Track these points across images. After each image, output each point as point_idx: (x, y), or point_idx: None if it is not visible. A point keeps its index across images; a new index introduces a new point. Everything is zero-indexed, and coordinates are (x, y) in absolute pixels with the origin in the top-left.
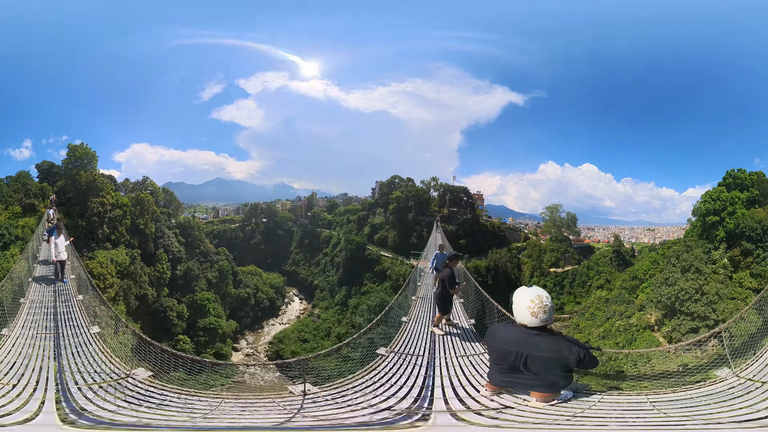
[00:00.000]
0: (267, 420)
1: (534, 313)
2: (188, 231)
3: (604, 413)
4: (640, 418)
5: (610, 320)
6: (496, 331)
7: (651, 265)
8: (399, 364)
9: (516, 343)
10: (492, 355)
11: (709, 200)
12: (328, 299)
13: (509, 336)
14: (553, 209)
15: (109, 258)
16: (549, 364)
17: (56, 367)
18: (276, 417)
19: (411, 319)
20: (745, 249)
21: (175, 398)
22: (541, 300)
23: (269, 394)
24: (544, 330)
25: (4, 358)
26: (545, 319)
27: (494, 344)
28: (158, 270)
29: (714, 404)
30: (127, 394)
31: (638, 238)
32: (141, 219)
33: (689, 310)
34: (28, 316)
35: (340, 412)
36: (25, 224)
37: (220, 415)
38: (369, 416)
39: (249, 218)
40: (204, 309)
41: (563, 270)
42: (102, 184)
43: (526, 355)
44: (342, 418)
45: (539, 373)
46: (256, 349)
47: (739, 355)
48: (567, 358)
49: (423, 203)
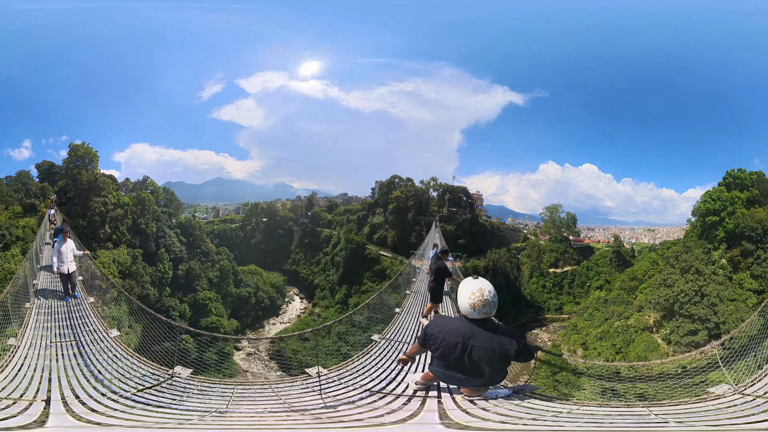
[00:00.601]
0: (305, 397)
1: (473, 305)
2: (189, 231)
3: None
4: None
5: (609, 321)
6: (442, 322)
7: (650, 265)
8: (390, 349)
9: (461, 334)
10: (434, 347)
11: (709, 200)
12: (328, 298)
13: (454, 327)
14: (553, 209)
15: (111, 258)
16: (491, 355)
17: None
18: (310, 395)
19: (403, 311)
20: (745, 250)
21: (215, 388)
22: (482, 293)
23: (294, 377)
24: (487, 322)
25: (18, 372)
26: (484, 312)
27: (439, 335)
28: (160, 270)
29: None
30: (174, 393)
31: (638, 238)
32: (142, 219)
33: (688, 312)
34: (36, 323)
35: (349, 389)
36: (26, 224)
37: (264, 397)
38: (366, 394)
39: (249, 218)
40: (206, 308)
41: (563, 270)
42: (103, 183)
43: (471, 346)
44: (350, 396)
45: (482, 366)
46: (257, 348)
47: (745, 368)
48: (508, 350)
49: (422, 203)
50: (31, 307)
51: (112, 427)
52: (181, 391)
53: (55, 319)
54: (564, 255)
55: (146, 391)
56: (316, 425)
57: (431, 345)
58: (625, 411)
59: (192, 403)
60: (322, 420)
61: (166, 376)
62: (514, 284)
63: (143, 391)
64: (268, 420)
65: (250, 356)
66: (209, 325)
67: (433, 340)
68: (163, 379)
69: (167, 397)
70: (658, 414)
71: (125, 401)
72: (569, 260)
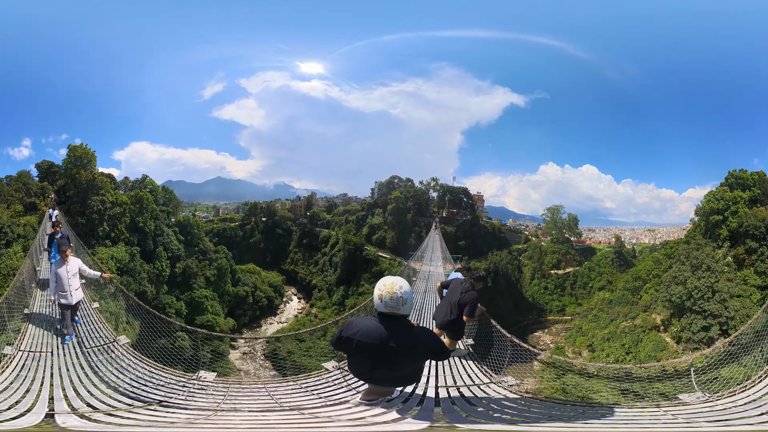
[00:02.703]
0: (337, 392)
1: (380, 296)
2: (187, 229)
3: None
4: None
5: (615, 321)
6: (357, 323)
7: (654, 265)
8: None
9: (375, 335)
10: (351, 349)
11: (713, 200)
12: (325, 299)
13: (370, 327)
14: (555, 210)
15: (109, 255)
16: (409, 354)
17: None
18: (339, 389)
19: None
20: (749, 247)
21: (250, 390)
22: (393, 287)
23: (317, 372)
24: (401, 321)
25: (11, 384)
26: (391, 306)
27: (354, 338)
28: (157, 267)
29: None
30: (198, 396)
31: (639, 238)
32: (140, 217)
33: (701, 308)
34: (35, 330)
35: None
36: (26, 222)
37: (299, 395)
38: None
39: (248, 217)
40: (202, 306)
41: (564, 272)
42: (101, 182)
43: (388, 346)
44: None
45: (400, 366)
46: (253, 347)
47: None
48: (428, 348)
49: (422, 204)
50: (30, 314)
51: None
52: (200, 395)
53: (54, 327)
54: (566, 256)
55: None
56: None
57: (348, 347)
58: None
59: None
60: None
61: (190, 380)
62: (515, 286)
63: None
64: (262, 419)
65: (245, 355)
66: (204, 323)
67: (348, 343)
68: (187, 384)
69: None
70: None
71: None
72: (571, 261)
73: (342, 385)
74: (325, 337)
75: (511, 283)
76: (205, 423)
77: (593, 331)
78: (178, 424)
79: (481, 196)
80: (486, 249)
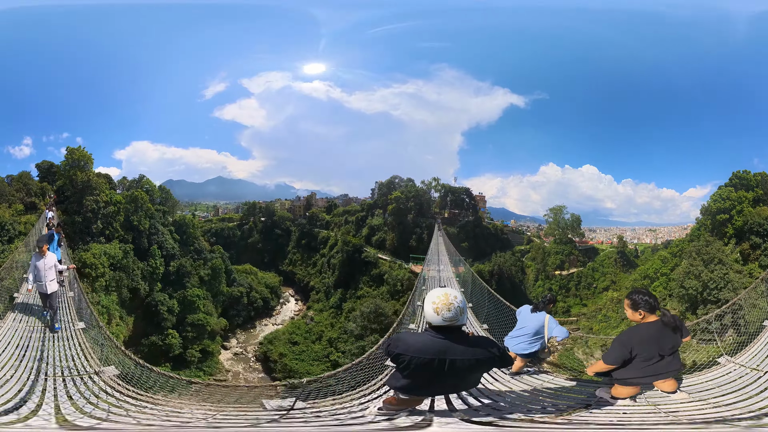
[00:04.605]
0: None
1: (437, 309)
2: (183, 228)
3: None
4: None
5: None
6: (407, 339)
7: (661, 263)
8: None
9: (433, 349)
10: (402, 366)
11: (719, 199)
12: (323, 301)
13: (423, 343)
14: (557, 211)
15: (102, 251)
16: (474, 365)
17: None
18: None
19: (418, 327)
20: (753, 243)
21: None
22: (448, 298)
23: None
24: (458, 332)
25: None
26: (449, 318)
27: (408, 353)
28: (151, 265)
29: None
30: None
31: (640, 238)
32: (135, 216)
33: (716, 297)
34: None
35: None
36: (27, 221)
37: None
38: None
39: (247, 217)
40: (194, 305)
41: (568, 272)
42: (96, 183)
43: (448, 360)
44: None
45: (462, 377)
46: (245, 348)
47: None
48: (494, 356)
49: (423, 204)
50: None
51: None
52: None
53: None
54: (569, 257)
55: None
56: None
57: (399, 364)
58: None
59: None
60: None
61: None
62: (519, 288)
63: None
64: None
65: (236, 356)
66: (195, 322)
67: (401, 360)
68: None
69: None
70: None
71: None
72: (574, 262)
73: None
74: (319, 341)
75: (515, 285)
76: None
77: (605, 331)
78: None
79: (483, 197)
80: (489, 251)
